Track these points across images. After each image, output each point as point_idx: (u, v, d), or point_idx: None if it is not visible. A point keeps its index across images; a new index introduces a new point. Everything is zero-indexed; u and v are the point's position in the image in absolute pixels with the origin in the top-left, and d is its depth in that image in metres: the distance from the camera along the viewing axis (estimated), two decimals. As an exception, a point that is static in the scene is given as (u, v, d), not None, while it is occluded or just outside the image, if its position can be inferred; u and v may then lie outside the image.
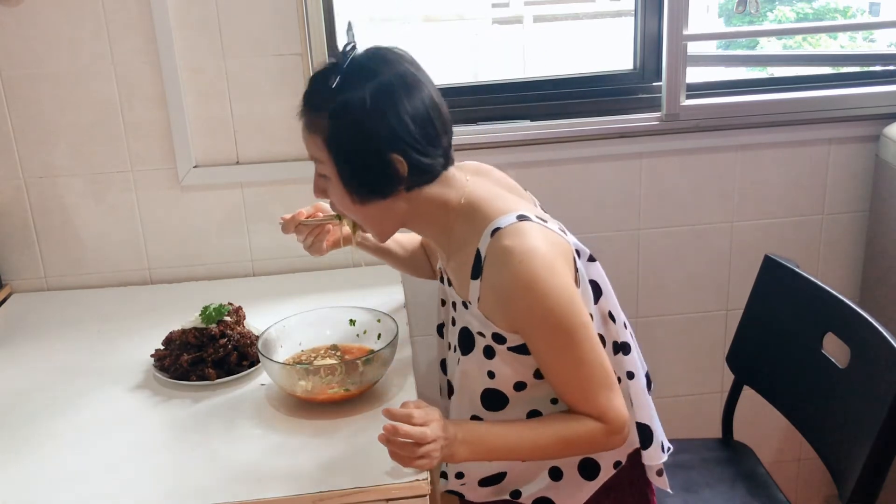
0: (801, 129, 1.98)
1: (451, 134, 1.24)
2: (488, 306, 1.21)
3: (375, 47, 1.22)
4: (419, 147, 1.18)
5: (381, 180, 1.19)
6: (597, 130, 1.93)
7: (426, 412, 1.16)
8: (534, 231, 1.18)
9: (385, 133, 1.16)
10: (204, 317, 1.49)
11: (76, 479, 1.22)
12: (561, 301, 1.16)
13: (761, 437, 2.03)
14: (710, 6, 2.50)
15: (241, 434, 1.31)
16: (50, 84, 1.79)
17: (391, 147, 1.17)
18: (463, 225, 1.25)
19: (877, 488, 1.28)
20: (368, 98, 1.15)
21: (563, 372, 1.20)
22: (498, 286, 1.18)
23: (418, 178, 1.21)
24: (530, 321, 1.17)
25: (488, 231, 1.20)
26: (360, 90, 1.16)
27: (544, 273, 1.15)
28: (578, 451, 1.28)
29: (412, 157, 1.18)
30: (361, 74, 1.17)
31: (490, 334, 1.23)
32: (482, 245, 1.20)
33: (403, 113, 1.16)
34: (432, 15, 2.54)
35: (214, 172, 1.87)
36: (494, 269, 1.18)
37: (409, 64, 1.20)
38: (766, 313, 1.66)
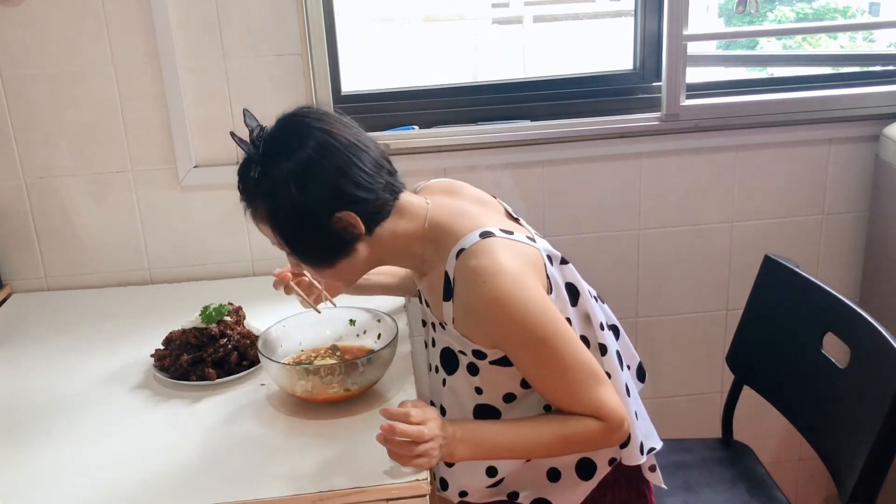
0: (801, 129, 1.98)
1: (389, 164, 1.24)
2: (463, 326, 1.21)
3: (283, 119, 1.23)
4: (361, 197, 1.18)
5: (339, 242, 1.21)
6: (597, 130, 1.93)
7: (424, 411, 1.16)
8: (497, 247, 1.18)
9: (322, 202, 1.17)
10: (204, 317, 1.49)
11: (76, 478, 1.22)
12: (531, 314, 1.15)
13: (761, 437, 2.03)
14: (710, 6, 2.50)
15: (241, 434, 1.31)
16: (50, 84, 1.79)
17: (333, 210, 1.18)
18: (430, 249, 1.25)
19: (877, 488, 1.28)
20: (291, 177, 1.16)
21: (548, 381, 1.20)
22: (468, 307, 1.18)
23: (373, 221, 1.21)
24: (506, 337, 1.18)
25: (453, 253, 1.20)
26: (280, 172, 1.17)
27: (511, 289, 1.15)
28: (580, 449, 1.27)
29: (359, 209, 1.18)
30: (277, 156, 1.18)
31: (470, 351, 1.23)
32: (449, 267, 1.20)
33: (331, 177, 1.17)
34: (432, 15, 2.54)
35: (214, 172, 1.87)
36: (463, 291, 1.18)
37: (317, 121, 1.20)
38: (766, 313, 1.66)
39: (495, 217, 1.28)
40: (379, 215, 1.22)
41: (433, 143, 1.90)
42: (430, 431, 1.14)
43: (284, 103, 1.82)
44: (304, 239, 1.22)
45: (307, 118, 1.21)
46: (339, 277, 1.28)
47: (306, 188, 1.16)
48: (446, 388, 1.30)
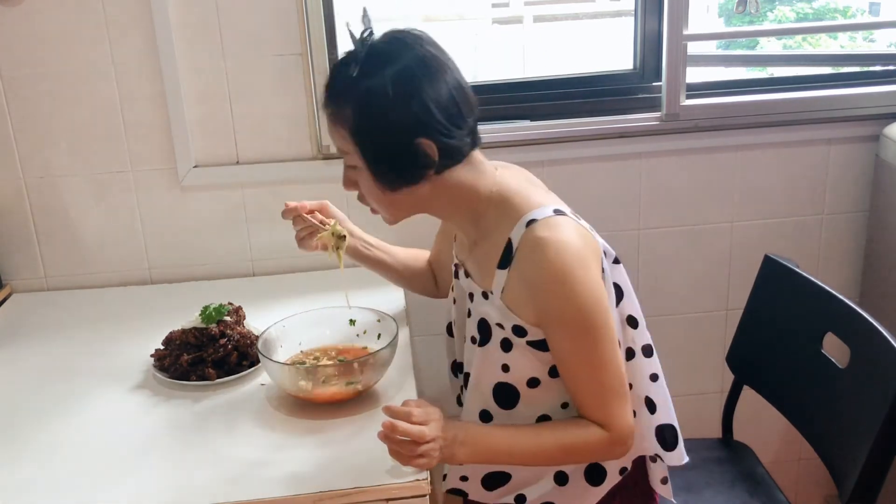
0: (801, 129, 1.98)
1: (477, 114, 1.23)
2: (513, 297, 1.20)
3: (393, 31, 1.20)
4: (445, 129, 1.17)
5: (410, 167, 1.18)
6: (597, 130, 1.93)
7: (426, 411, 1.16)
8: (570, 226, 1.18)
9: (410, 119, 1.15)
10: (204, 317, 1.49)
11: (76, 478, 1.22)
12: (591, 299, 1.15)
13: (761, 437, 2.03)
14: (710, 6, 2.50)
15: (241, 434, 1.31)
16: (50, 84, 1.79)
17: (418, 132, 1.16)
18: (493, 213, 1.24)
19: (877, 488, 1.28)
20: (390, 85, 1.14)
21: (580, 371, 1.19)
22: (529, 277, 1.17)
23: (447, 160, 1.19)
24: (558, 315, 1.17)
25: (523, 221, 1.19)
26: (380, 77, 1.14)
27: (578, 268, 1.14)
28: (580, 459, 1.27)
29: (440, 140, 1.17)
30: (381, 61, 1.16)
31: (510, 326, 1.22)
32: (515, 235, 1.19)
33: (427, 97, 1.15)
34: (432, 15, 2.54)
35: (214, 172, 1.87)
36: (527, 260, 1.17)
37: (429, 45, 1.19)
38: (766, 313, 1.66)
39: (562, 203, 1.27)
40: (456, 155, 1.20)
41: (433, 143, 1.90)
42: (431, 432, 1.13)
43: (284, 103, 1.85)
44: (379, 151, 1.18)
45: (422, 39, 1.19)
46: (389, 206, 1.25)
47: (402, 100, 1.14)
48: (476, 358, 1.29)
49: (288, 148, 1.88)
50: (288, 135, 1.87)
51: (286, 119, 1.86)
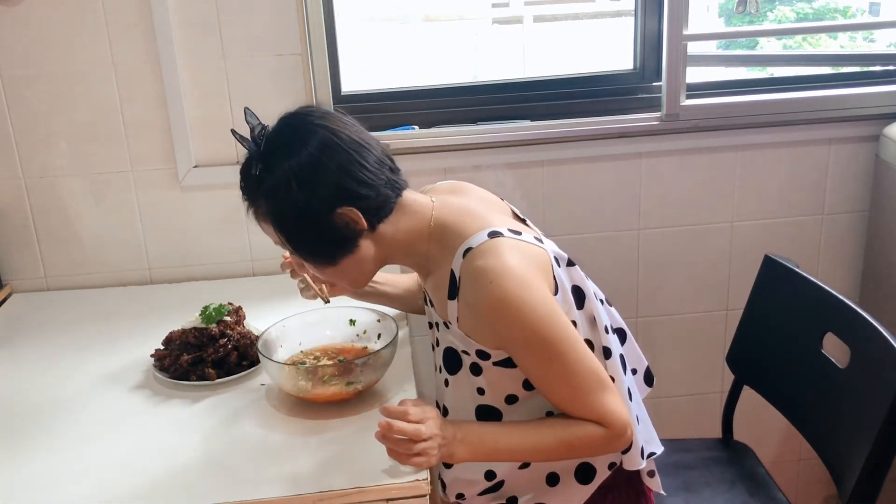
0: (801, 129, 1.98)
1: (392, 162, 1.24)
2: (468, 325, 1.21)
3: (284, 118, 1.23)
4: (362, 194, 1.18)
5: (340, 241, 1.21)
6: (597, 130, 1.93)
7: (423, 410, 1.16)
8: (505, 247, 1.18)
9: (323, 198, 1.17)
10: (204, 317, 1.49)
11: (76, 478, 1.22)
12: (537, 315, 1.15)
13: (761, 437, 2.03)
14: (710, 6, 2.50)
15: (241, 434, 1.31)
16: (50, 84, 1.79)
17: (335, 205, 1.18)
18: (436, 247, 1.25)
19: (877, 488, 1.28)
20: (292, 175, 1.17)
21: (552, 384, 1.20)
22: (474, 306, 1.18)
23: (375, 218, 1.21)
24: (511, 338, 1.17)
25: (461, 251, 1.19)
26: (282, 170, 1.17)
27: (518, 290, 1.14)
28: (581, 454, 1.27)
29: (360, 204, 1.18)
30: (277, 154, 1.18)
31: (474, 351, 1.23)
32: (455, 266, 1.20)
33: (331, 173, 1.17)
34: (432, 15, 2.54)
35: (214, 172, 1.87)
36: (469, 290, 1.18)
37: (320, 119, 1.20)
38: (766, 313, 1.66)
39: (503, 217, 1.28)
40: (382, 211, 1.22)
41: (433, 143, 1.90)
42: (428, 430, 1.14)
43: (284, 103, 1.83)
44: (306, 237, 1.21)
45: (310, 116, 1.22)
46: (344, 277, 1.27)
47: (308, 186, 1.16)
48: (449, 387, 1.30)
49: (288, 148, 1.87)
50: (288, 135, 1.86)
51: (286, 119, 1.86)
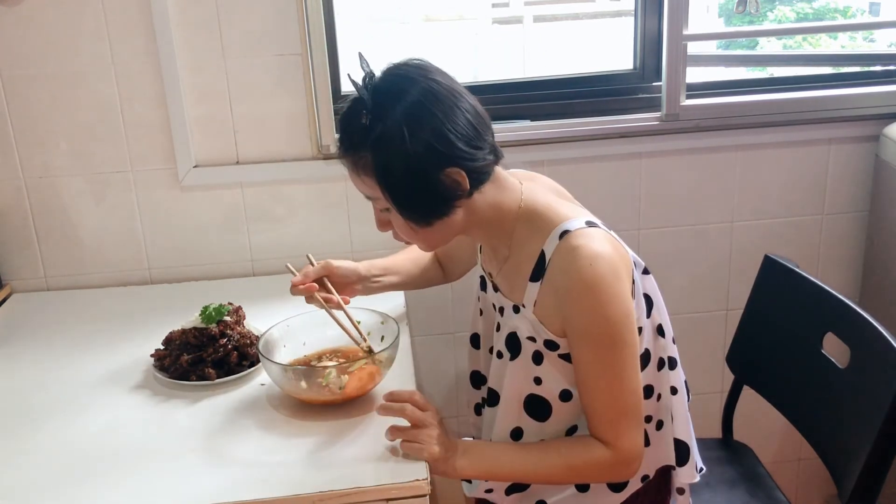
0: (801, 129, 1.98)
1: (492, 128, 1.23)
2: (545, 309, 1.20)
3: (391, 69, 1.19)
4: (469, 154, 1.16)
5: (442, 200, 1.18)
6: (597, 130, 1.93)
7: (428, 405, 1.19)
8: (603, 237, 1.18)
9: (432, 153, 1.14)
10: (204, 317, 1.49)
11: (76, 478, 1.22)
12: (619, 312, 1.15)
13: (761, 437, 2.03)
14: (710, 6, 2.50)
15: (241, 434, 1.31)
16: (50, 84, 1.79)
17: (442, 164, 1.15)
18: (524, 227, 1.24)
19: (877, 488, 1.28)
20: (404, 125, 1.13)
21: (597, 384, 1.18)
22: (561, 286, 1.17)
23: (476, 183, 1.19)
24: (584, 324, 1.16)
25: (556, 233, 1.19)
26: (392, 119, 1.13)
27: (611, 278, 1.14)
28: (583, 479, 1.26)
29: (466, 166, 1.16)
30: (389, 102, 1.14)
31: (542, 340, 1.22)
32: (548, 246, 1.19)
33: (443, 127, 1.14)
34: (432, 15, 2.54)
35: (214, 172, 1.87)
36: (560, 269, 1.17)
37: (432, 74, 1.18)
38: (766, 313, 1.66)
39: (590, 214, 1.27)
40: (483, 176, 1.20)
41: (433, 143, 1.90)
42: (429, 420, 1.16)
43: (284, 103, 1.85)
44: (408, 191, 1.17)
45: (422, 68, 1.19)
46: (426, 239, 1.24)
47: (417, 136, 1.13)
48: (507, 372, 1.28)
49: (288, 148, 1.88)
50: (288, 135, 1.87)
51: (286, 119, 1.86)
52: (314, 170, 1.88)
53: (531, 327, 1.22)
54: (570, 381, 1.24)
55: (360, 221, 1.93)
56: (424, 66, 1.19)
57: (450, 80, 1.19)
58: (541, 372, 1.24)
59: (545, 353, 1.23)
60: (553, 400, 1.26)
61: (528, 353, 1.25)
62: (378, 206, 1.22)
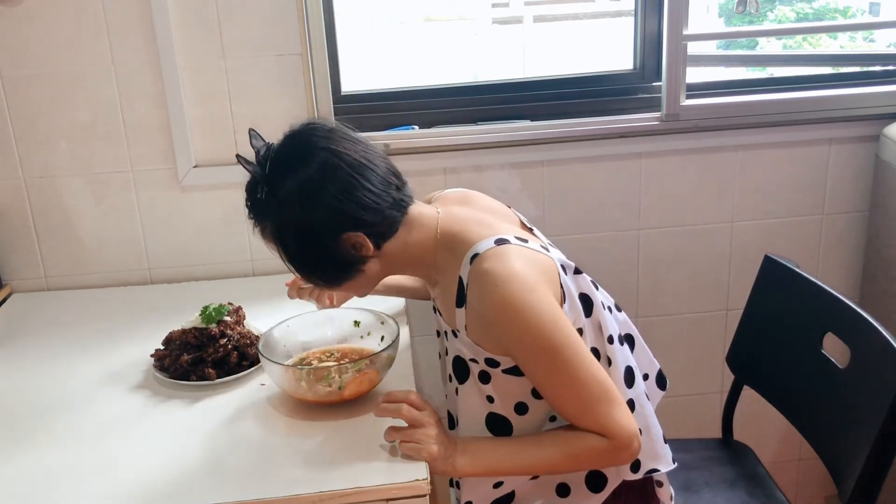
0: (801, 129, 1.98)
1: (398, 178, 1.24)
2: (476, 333, 1.21)
3: (287, 137, 1.22)
4: (367, 217, 1.18)
5: (345, 263, 1.21)
6: (597, 130, 1.93)
7: (426, 404, 1.20)
8: (511, 253, 1.17)
9: (326, 222, 1.17)
10: (204, 317, 1.49)
11: (76, 478, 1.22)
12: (543, 321, 1.14)
13: (761, 437, 2.03)
14: (710, 6, 2.50)
15: (241, 434, 1.31)
16: (50, 84, 1.79)
17: (339, 230, 1.18)
18: (444, 255, 1.24)
19: (877, 488, 1.28)
20: (296, 198, 1.16)
21: (557, 392, 1.19)
22: (481, 312, 1.18)
23: (381, 239, 1.21)
24: (517, 344, 1.17)
25: (468, 258, 1.19)
26: (285, 193, 1.17)
27: (524, 295, 1.14)
28: (586, 466, 1.26)
29: (366, 228, 1.18)
30: (282, 176, 1.17)
31: (482, 359, 1.23)
32: (463, 272, 1.20)
33: (334, 197, 1.16)
34: (432, 15, 2.54)
35: (214, 172, 1.87)
36: (476, 296, 1.18)
37: (324, 139, 1.19)
38: (766, 313, 1.66)
39: (510, 226, 1.27)
40: (388, 233, 1.22)
41: (433, 143, 1.90)
42: (426, 419, 1.17)
43: (284, 103, 1.84)
44: (310, 260, 1.22)
45: (313, 136, 1.20)
46: (351, 291, 1.29)
47: (310, 209, 1.16)
48: (459, 396, 1.30)
49: (288, 148, 1.87)
50: (288, 135, 1.86)
51: (286, 119, 1.83)
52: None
53: (470, 350, 1.23)
54: (521, 393, 1.25)
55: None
56: (321, 132, 1.21)
57: (348, 143, 1.20)
58: (491, 391, 1.25)
59: (490, 371, 1.24)
60: (510, 415, 1.26)
61: (474, 374, 1.26)
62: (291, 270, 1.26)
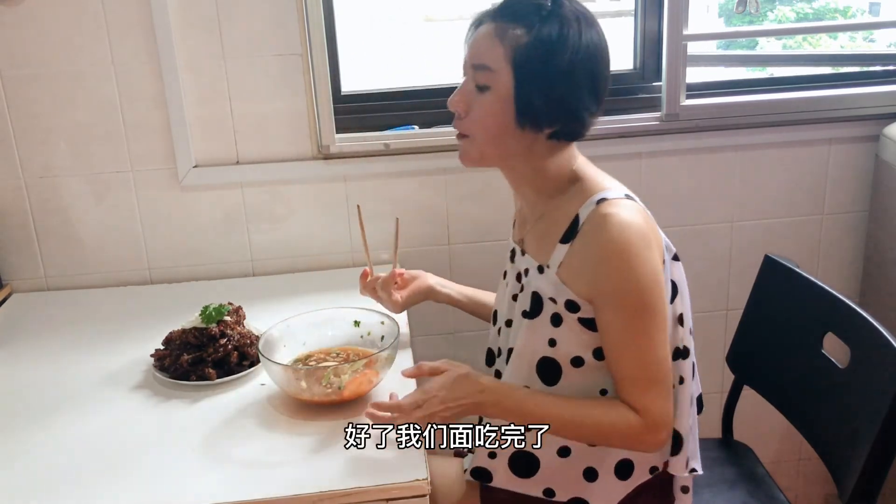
0: (801, 129, 1.98)
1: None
2: (570, 271, 1.21)
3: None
4: (593, 104, 1.21)
5: (541, 114, 1.19)
6: (597, 130, 1.91)
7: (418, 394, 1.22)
8: (638, 209, 1.20)
9: (586, 64, 1.18)
10: (204, 317, 1.49)
11: (76, 478, 1.22)
12: (648, 278, 1.15)
13: (761, 437, 2.03)
14: (710, 6, 2.50)
15: (241, 434, 1.31)
16: (50, 84, 1.79)
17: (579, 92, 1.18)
18: (567, 189, 1.25)
19: (877, 488, 1.28)
20: (582, 33, 1.16)
21: (626, 351, 1.18)
22: (591, 250, 1.18)
23: (569, 133, 1.22)
24: (614, 290, 1.17)
25: (593, 199, 1.20)
26: (574, 22, 1.16)
27: (640, 248, 1.15)
28: (609, 440, 1.24)
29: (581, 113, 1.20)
30: (575, 8, 1.18)
31: (563, 301, 1.22)
32: (583, 210, 1.20)
33: (602, 62, 1.20)
34: (432, 15, 2.54)
35: (214, 172, 1.87)
36: (591, 234, 1.18)
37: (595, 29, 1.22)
38: (766, 313, 1.66)
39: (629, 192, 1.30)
40: (577, 131, 1.24)
41: (433, 143, 1.90)
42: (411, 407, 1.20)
43: (284, 103, 1.84)
44: (537, 85, 1.18)
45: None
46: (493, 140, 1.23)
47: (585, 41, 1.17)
48: (522, 330, 1.28)
49: (288, 148, 1.88)
50: (288, 135, 1.87)
51: (286, 119, 1.86)
52: (314, 170, 1.88)
53: (554, 288, 1.23)
54: (584, 348, 1.24)
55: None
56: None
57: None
58: (557, 334, 1.24)
59: (565, 315, 1.23)
60: (565, 364, 1.25)
61: (547, 313, 1.25)
62: (479, 78, 1.21)
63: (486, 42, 1.19)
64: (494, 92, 1.19)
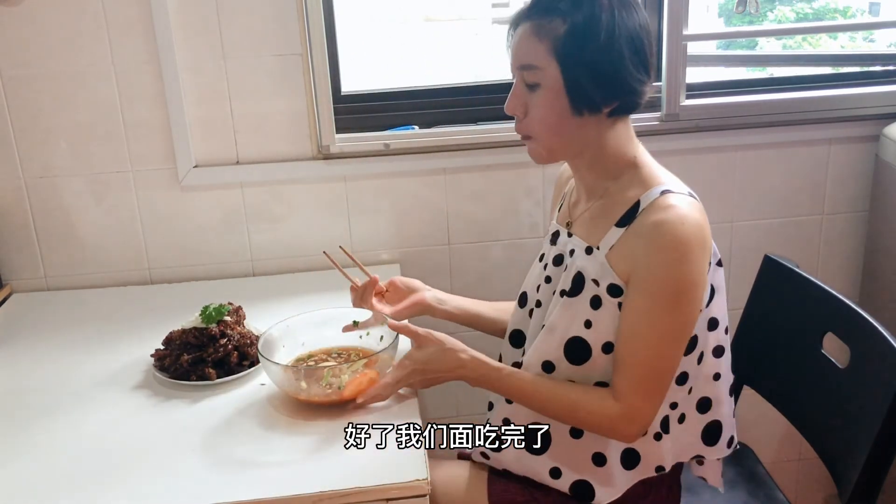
0: (801, 129, 1.98)
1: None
2: (620, 255, 1.21)
3: None
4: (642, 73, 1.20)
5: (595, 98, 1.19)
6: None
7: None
8: (700, 210, 1.20)
9: (632, 42, 1.18)
10: (204, 317, 1.49)
11: (76, 478, 1.22)
12: (691, 278, 1.16)
13: (761, 437, 2.03)
14: (710, 6, 2.50)
15: (241, 434, 1.31)
16: (50, 84, 1.79)
17: (624, 73, 1.18)
18: (629, 176, 1.25)
19: (877, 488, 1.28)
20: (614, 7, 1.17)
21: (636, 338, 1.19)
22: (647, 236, 1.18)
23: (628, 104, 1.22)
24: (654, 275, 1.17)
25: (657, 189, 1.21)
26: (609, 7, 1.17)
27: (695, 245, 1.16)
28: (585, 422, 1.25)
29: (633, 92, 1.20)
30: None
31: (606, 285, 1.22)
32: (645, 197, 1.21)
33: (642, 31, 1.19)
34: (432, 15, 2.54)
35: (214, 172, 1.87)
36: (651, 220, 1.18)
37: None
38: (766, 313, 1.66)
39: None
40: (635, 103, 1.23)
41: (433, 143, 1.90)
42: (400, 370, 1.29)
43: (284, 103, 1.84)
44: (585, 70, 1.18)
45: None
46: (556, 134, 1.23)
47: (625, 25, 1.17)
48: (559, 307, 1.27)
49: (288, 148, 1.88)
50: (288, 135, 1.87)
51: (286, 119, 1.86)
52: (314, 170, 1.88)
53: (600, 270, 1.23)
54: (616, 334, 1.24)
55: (361, 221, 1.93)
56: None
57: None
58: (594, 317, 1.24)
59: (605, 299, 1.23)
60: (596, 348, 1.24)
61: (588, 294, 1.25)
62: (528, 78, 1.22)
63: (527, 42, 1.20)
64: (545, 87, 1.20)
